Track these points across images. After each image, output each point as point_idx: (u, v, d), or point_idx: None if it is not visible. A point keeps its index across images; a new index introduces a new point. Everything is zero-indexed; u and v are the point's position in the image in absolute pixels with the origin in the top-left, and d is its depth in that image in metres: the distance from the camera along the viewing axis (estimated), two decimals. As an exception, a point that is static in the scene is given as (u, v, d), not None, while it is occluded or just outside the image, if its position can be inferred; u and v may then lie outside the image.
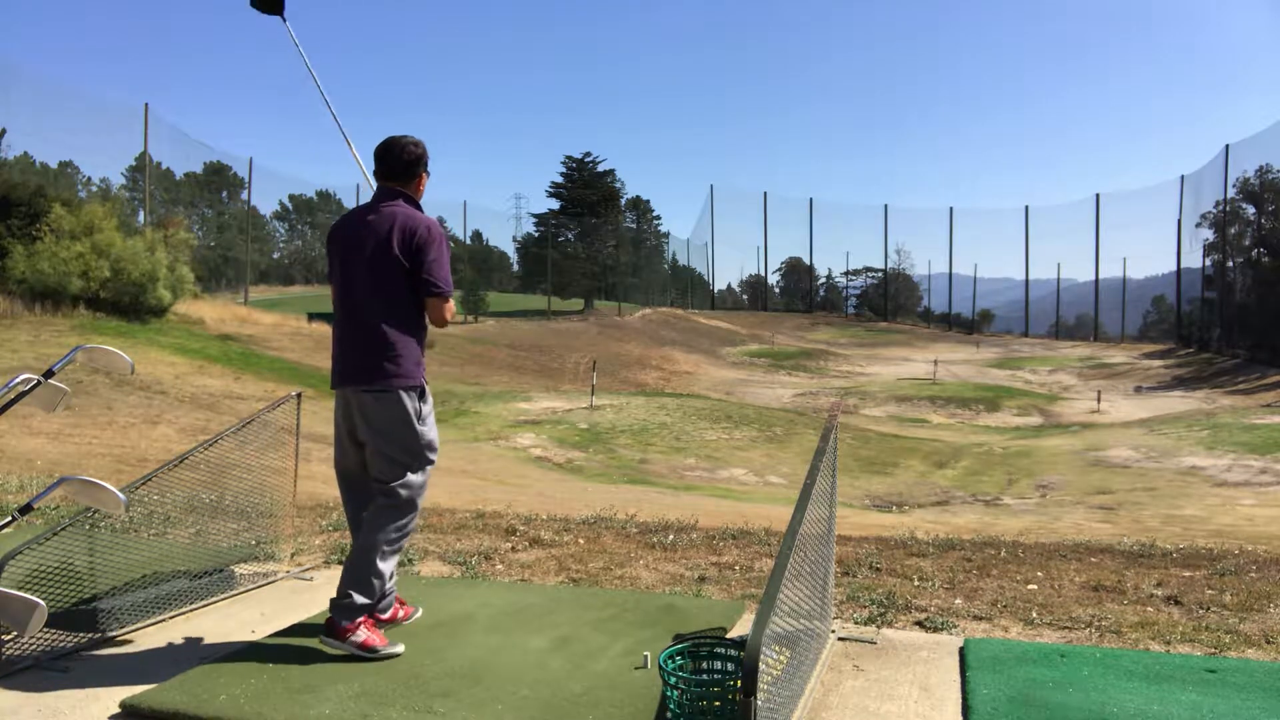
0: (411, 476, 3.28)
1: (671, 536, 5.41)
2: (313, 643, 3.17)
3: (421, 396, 3.30)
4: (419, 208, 3.39)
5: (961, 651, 3.29)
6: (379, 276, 3.22)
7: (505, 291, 58.99)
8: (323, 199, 65.53)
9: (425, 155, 3.42)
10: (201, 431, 11.78)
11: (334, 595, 3.19)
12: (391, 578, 3.49)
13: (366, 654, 3.09)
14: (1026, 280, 58.41)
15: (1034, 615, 3.81)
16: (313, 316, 29.98)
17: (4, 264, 19.63)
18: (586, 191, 54.64)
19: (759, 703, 1.98)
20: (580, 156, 55.70)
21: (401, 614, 3.52)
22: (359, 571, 3.18)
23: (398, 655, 3.14)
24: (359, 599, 3.15)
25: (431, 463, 3.35)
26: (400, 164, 3.35)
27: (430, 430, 3.35)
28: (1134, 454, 16.29)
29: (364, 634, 3.13)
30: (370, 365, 3.21)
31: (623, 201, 59.70)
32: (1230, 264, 41.96)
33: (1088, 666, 3.10)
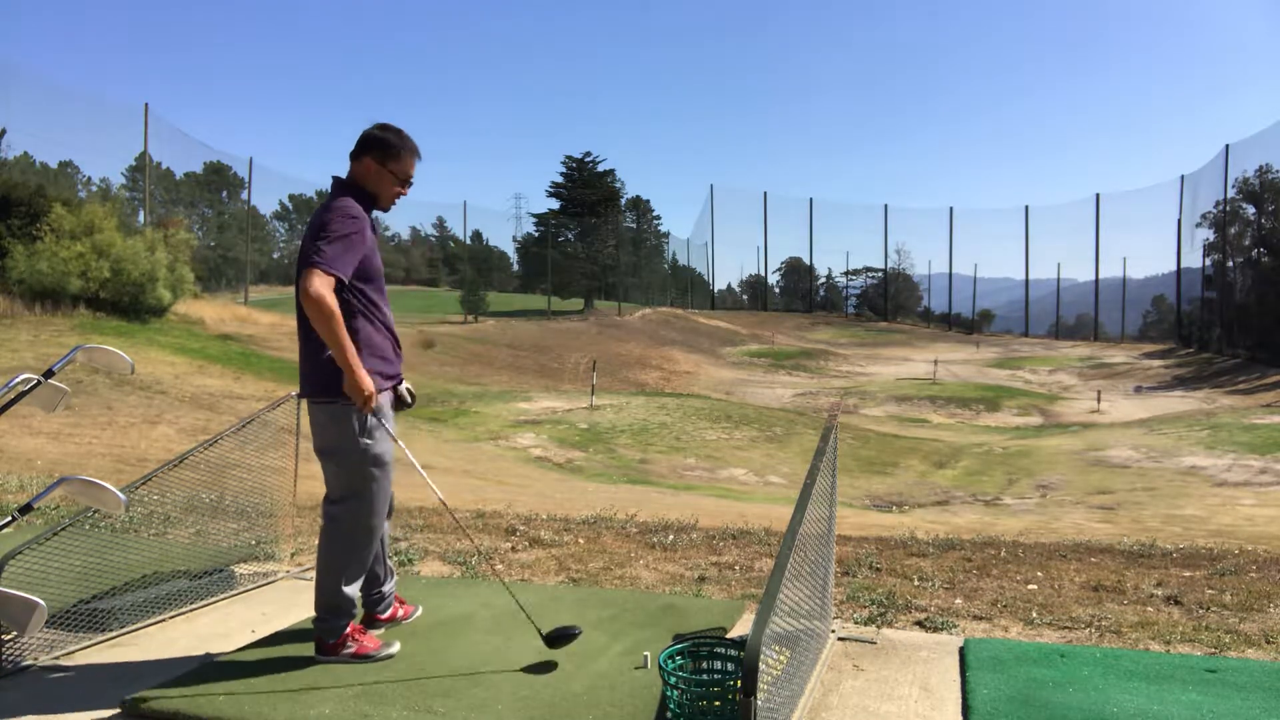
0: (355, 497, 3.08)
1: (671, 536, 5.41)
2: (313, 643, 3.17)
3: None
4: (360, 196, 3.08)
5: (961, 651, 3.29)
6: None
7: (505, 291, 59.00)
8: (323, 199, 65.44)
9: (381, 140, 3.09)
10: (201, 431, 11.78)
11: (312, 614, 3.16)
12: (391, 577, 3.48)
13: (363, 661, 3.09)
14: (1026, 280, 58.40)
15: (1034, 615, 3.81)
16: (313, 316, 29.88)
17: (4, 264, 19.63)
18: (586, 191, 54.63)
19: (759, 703, 1.98)
20: (580, 156, 55.73)
21: (401, 613, 3.51)
22: (327, 597, 3.10)
23: (394, 655, 3.15)
24: (334, 620, 3.11)
25: (376, 479, 3.09)
26: (355, 145, 3.12)
27: (379, 444, 3.08)
28: (1134, 454, 16.28)
29: (354, 645, 3.11)
30: (315, 375, 3.03)
31: (623, 201, 59.71)
32: (1230, 264, 41.93)
33: (1088, 666, 3.10)
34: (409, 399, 3.35)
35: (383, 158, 3.10)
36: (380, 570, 3.39)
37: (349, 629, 3.13)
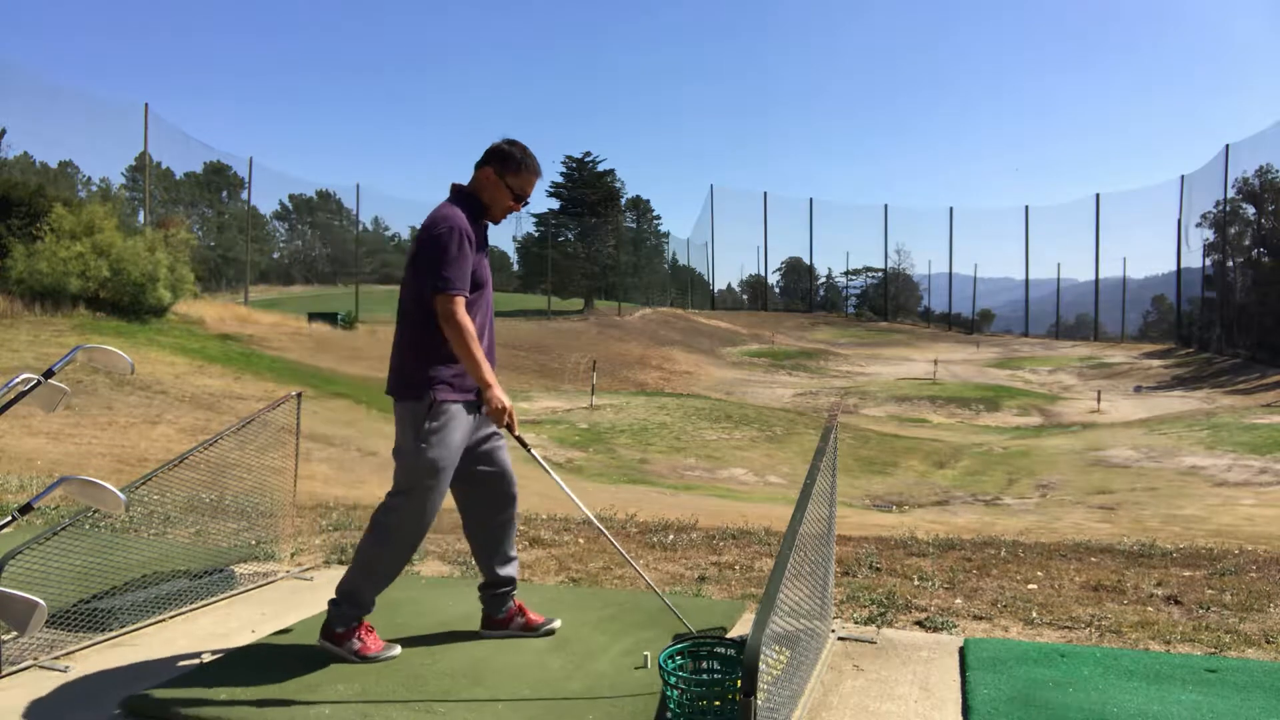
0: (402, 495, 3.08)
1: (671, 536, 5.41)
2: (312, 642, 3.17)
3: (431, 413, 3.05)
4: (471, 207, 3.16)
5: (961, 651, 3.29)
6: (405, 282, 3.15)
7: (505, 291, 58.99)
8: (322, 199, 65.41)
9: (505, 154, 3.19)
10: (201, 431, 11.78)
11: (332, 595, 3.18)
12: (503, 585, 3.40)
13: (363, 661, 3.10)
14: (1026, 280, 58.41)
15: (1034, 615, 3.81)
16: (313, 316, 29.93)
17: (4, 264, 19.64)
18: (586, 191, 54.61)
19: (759, 703, 1.98)
20: (580, 156, 55.68)
21: (521, 620, 3.42)
22: (350, 584, 3.13)
23: (395, 657, 3.15)
24: (349, 608, 3.12)
25: (426, 485, 3.07)
26: (482, 155, 3.22)
27: (435, 450, 3.05)
28: (1134, 454, 16.28)
29: (358, 643, 3.12)
30: (390, 375, 3.17)
31: (623, 201, 59.71)
32: (1230, 264, 41.95)
33: (1088, 666, 3.10)
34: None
35: (502, 170, 3.19)
36: (494, 571, 3.38)
37: (360, 625, 3.14)
